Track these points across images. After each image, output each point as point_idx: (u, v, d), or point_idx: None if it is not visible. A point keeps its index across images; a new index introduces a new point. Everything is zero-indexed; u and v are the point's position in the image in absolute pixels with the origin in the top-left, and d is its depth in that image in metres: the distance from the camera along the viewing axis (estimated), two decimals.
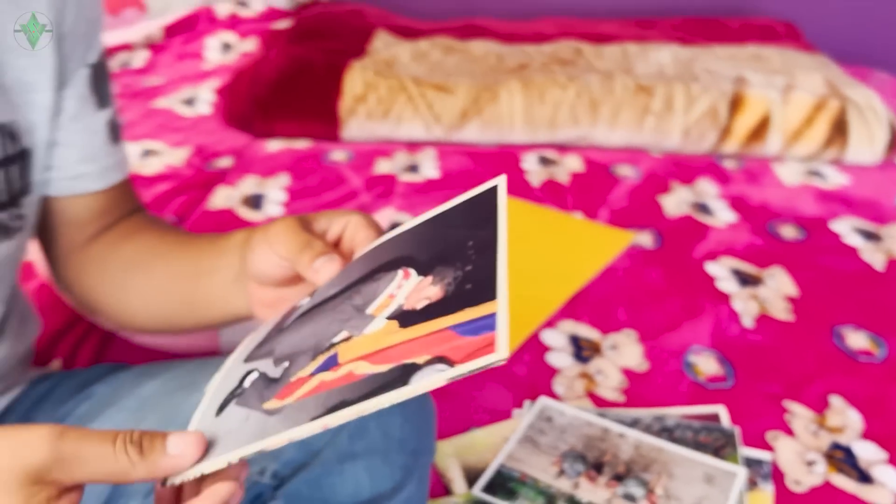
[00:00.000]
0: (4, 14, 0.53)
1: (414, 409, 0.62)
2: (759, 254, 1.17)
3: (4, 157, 0.52)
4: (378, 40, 1.79)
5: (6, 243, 0.55)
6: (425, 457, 0.63)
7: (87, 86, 0.60)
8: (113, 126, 0.63)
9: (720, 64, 1.71)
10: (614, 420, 0.84)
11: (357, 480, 0.59)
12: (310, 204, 1.28)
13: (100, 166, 0.61)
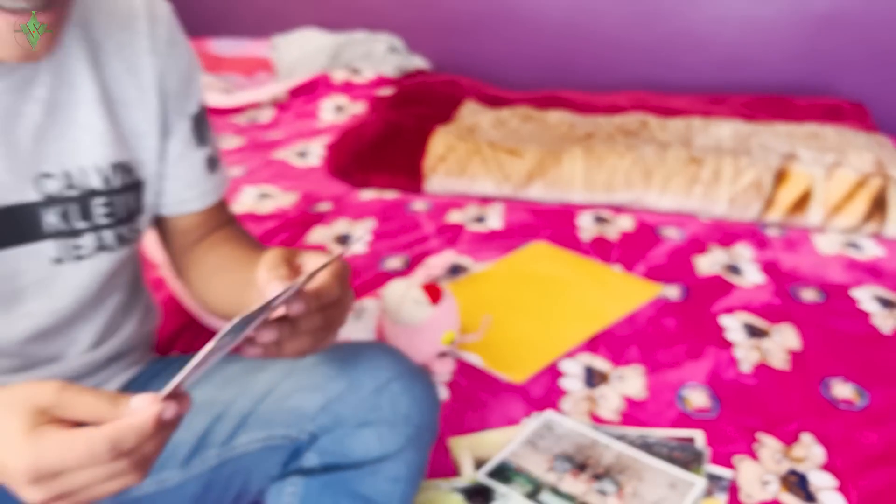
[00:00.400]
0: (123, 79, 0.75)
1: (419, 394, 0.81)
2: (774, 311, 1.31)
3: (123, 186, 0.76)
4: (465, 108, 2.04)
5: (124, 249, 0.79)
6: (427, 432, 0.81)
7: (188, 131, 0.82)
8: (210, 160, 0.85)
9: (776, 140, 1.85)
10: (604, 434, 1.01)
11: (369, 442, 0.78)
12: (387, 244, 1.52)
13: (199, 191, 0.84)
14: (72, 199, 0.72)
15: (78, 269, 0.74)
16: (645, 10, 2.35)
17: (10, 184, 0.67)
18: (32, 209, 0.70)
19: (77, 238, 0.73)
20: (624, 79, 2.38)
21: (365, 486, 0.78)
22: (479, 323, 1.24)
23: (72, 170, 0.71)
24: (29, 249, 0.70)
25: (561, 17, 2.41)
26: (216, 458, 0.82)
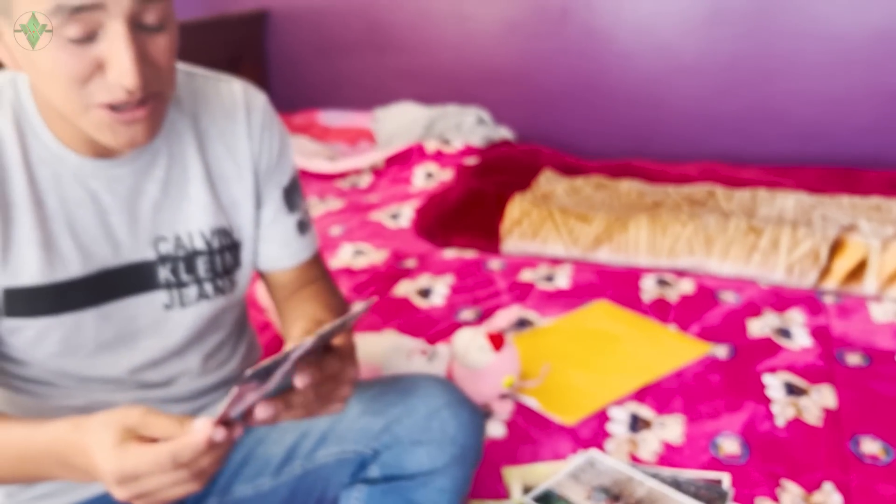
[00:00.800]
0: (224, 159, 0.94)
1: (465, 420, 0.96)
2: (816, 372, 1.41)
3: (221, 247, 0.95)
4: (543, 176, 2.23)
5: (222, 298, 0.97)
6: (471, 452, 0.96)
7: (279, 200, 0.98)
8: (300, 223, 1.02)
9: (839, 212, 1.95)
10: (640, 471, 1.14)
11: (421, 458, 0.94)
12: (463, 298, 1.71)
13: (290, 251, 1.02)
14: (180, 257, 0.91)
15: (184, 314, 0.93)
16: (720, 84, 2.49)
17: (132, 246, 0.88)
18: (150, 266, 0.90)
19: (183, 289, 0.92)
20: (697, 149, 2.51)
21: (417, 495, 0.94)
22: (539, 371, 1.40)
23: (181, 234, 0.91)
24: (146, 298, 0.90)
25: (639, 91, 2.58)
26: (301, 469, 1.01)
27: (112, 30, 0.69)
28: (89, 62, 0.70)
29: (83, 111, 0.73)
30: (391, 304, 1.69)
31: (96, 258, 0.86)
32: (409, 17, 2.79)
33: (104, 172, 0.83)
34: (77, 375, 0.90)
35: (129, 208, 0.87)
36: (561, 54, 2.64)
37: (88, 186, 0.83)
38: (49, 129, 0.80)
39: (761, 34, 2.42)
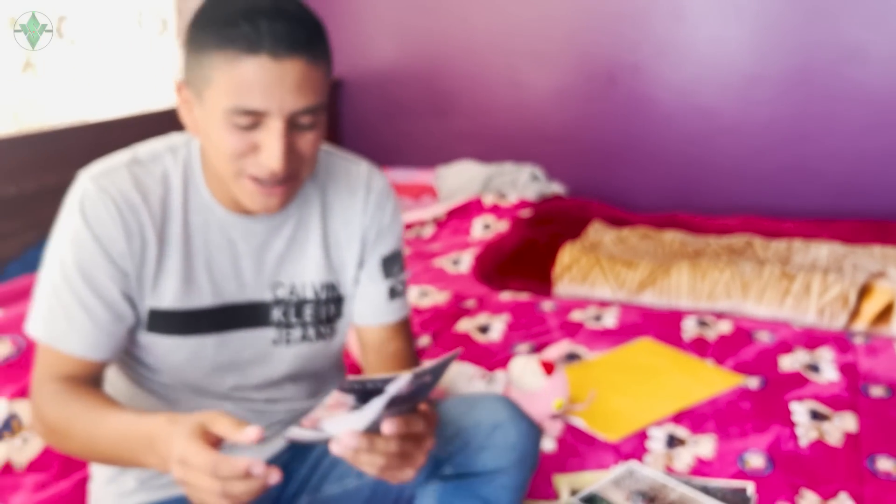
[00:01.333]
0: (339, 228, 1.15)
1: (524, 431, 1.12)
2: (840, 401, 1.55)
3: (327, 299, 1.14)
4: (592, 227, 2.43)
5: (321, 342, 1.16)
6: (528, 458, 1.13)
7: (377, 266, 1.12)
8: (392, 290, 1.13)
9: (870, 260, 2.09)
10: (673, 479, 1.31)
11: (486, 461, 1.11)
12: (518, 335, 1.90)
13: (378, 311, 1.13)
14: (292, 302, 1.11)
15: (287, 350, 1.12)
16: (758, 144, 2.67)
17: (255, 287, 1.08)
18: (266, 305, 1.09)
19: (290, 329, 1.12)
20: (737, 204, 2.68)
21: (483, 490, 1.10)
22: (586, 396, 1.57)
23: (296, 284, 1.10)
24: (258, 332, 1.10)
25: (682, 150, 2.77)
26: None
27: (272, 124, 0.89)
28: (248, 144, 0.91)
29: (235, 177, 0.94)
30: (454, 338, 1.90)
31: (224, 293, 1.06)
32: (468, 83, 3.05)
33: (243, 225, 1.04)
34: (194, 386, 1.10)
35: (258, 256, 1.07)
36: (609, 116, 2.86)
37: (228, 235, 1.04)
38: (207, 185, 1.02)
39: (797, 97, 2.60)
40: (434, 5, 2.99)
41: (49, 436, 0.98)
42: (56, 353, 0.97)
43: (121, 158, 1.00)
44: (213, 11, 0.88)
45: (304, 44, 0.88)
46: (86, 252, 0.95)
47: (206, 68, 0.88)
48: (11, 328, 1.49)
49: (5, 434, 1.34)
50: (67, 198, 0.98)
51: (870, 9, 2.46)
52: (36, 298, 0.99)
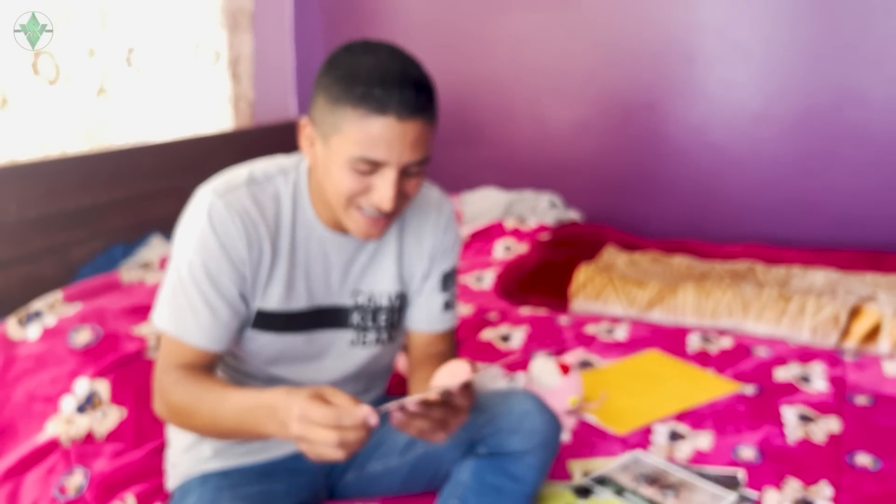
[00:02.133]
0: (412, 245, 1.31)
1: (547, 419, 1.27)
2: (827, 407, 1.71)
3: (399, 307, 1.31)
4: (606, 251, 2.61)
5: (389, 344, 1.33)
6: (551, 442, 1.28)
7: (437, 280, 1.28)
8: (447, 303, 1.29)
9: (861, 286, 2.25)
10: (674, 466, 1.47)
11: (515, 443, 1.27)
12: (536, 344, 2.07)
13: (432, 320, 1.29)
14: (368, 308, 1.28)
15: (362, 350, 1.30)
16: (765, 177, 2.84)
17: (339, 294, 1.25)
18: (347, 310, 1.27)
19: (366, 332, 1.29)
20: (743, 233, 2.85)
21: (512, 468, 1.27)
22: (598, 396, 1.74)
23: (373, 292, 1.28)
24: (340, 333, 1.27)
25: (692, 182, 2.96)
26: (422, 449, 1.36)
27: (387, 172, 1.05)
28: (364, 185, 1.08)
29: (345, 208, 1.11)
30: (479, 344, 2.08)
31: (316, 298, 1.23)
32: (494, 116, 3.26)
33: (337, 241, 1.22)
34: (272, 377, 1.26)
35: (345, 268, 1.24)
36: (624, 149, 3.05)
37: (324, 248, 1.21)
38: (311, 204, 1.19)
39: (800, 135, 2.78)
40: (465, 46, 3.21)
41: (173, 415, 1.13)
42: (181, 345, 1.13)
43: (239, 176, 1.17)
44: (350, 71, 1.03)
45: (423, 108, 1.05)
46: (213, 257, 1.11)
47: (339, 119, 1.04)
48: (91, 318, 1.69)
49: (87, 408, 1.53)
50: (190, 208, 1.15)
51: (869, 55, 2.65)
52: (163, 296, 1.15)
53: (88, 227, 2.10)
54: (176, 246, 1.16)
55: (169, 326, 1.14)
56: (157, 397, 1.16)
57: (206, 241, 1.12)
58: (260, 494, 1.24)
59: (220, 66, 2.86)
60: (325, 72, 1.08)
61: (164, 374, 1.14)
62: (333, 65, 1.07)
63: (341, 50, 1.09)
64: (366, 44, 1.09)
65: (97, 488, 1.42)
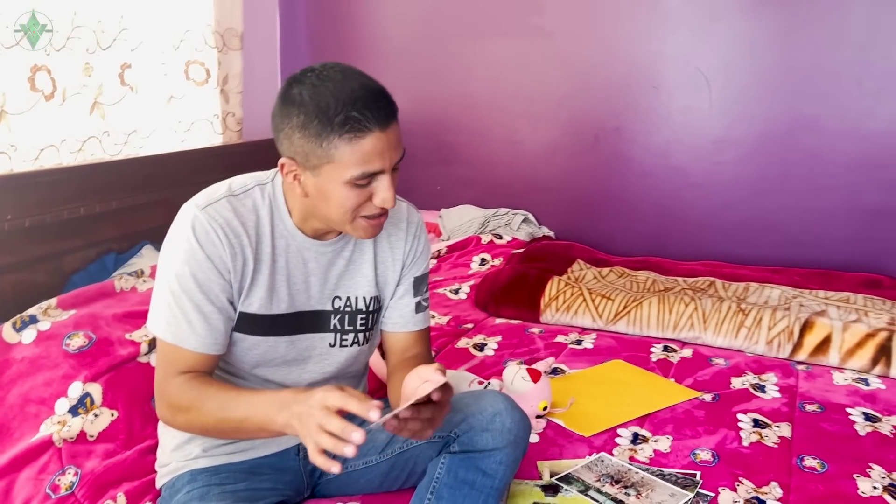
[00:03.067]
0: (386, 253, 1.36)
1: (517, 419, 1.30)
2: (779, 414, 1.77)
3: (373, 310, 1.35)
4: (575, 265, 2.67)
5: (365, 346, 1.36)
6: (521, 441, 1.31)
7: (409, 284, 1.35)
8: (419, 304, 1.37)
9: (814, 301, 2.33)
10: (635, 466, 1.52)
11: (487, 441, 1.30)
12: (509, 352, 2.11)
13: (405, 321, 1.36)
14: (346, 312, 1.33)
15: (341, 352, 1.34)
16: (724, 198, 2.92)
17: (319, 299, 1.29)
18: (327, 314, 1.31)
19: (344, 334, 1.33)
20: (703, 250, 2.92)
21: (483, 464, 1.30)
22: (566, 402, 1.79)
23: (351, 297, 1.32)
24: (320, 336, 1.31)
25: (656, 203, 3.03)
26: (399, 449, 1.40)
27: (382, 177, 1.13)
28: (365, 195, 1.14)
29: (350, 221, 1.16)
30: (455, 352, 2.11)
31: (297, 303, 1.27)
32: (470, 138, 3.31)
33: (315, 248, 1.26)
34: (263, 378, 1.30)
35: (324, 273, 1.29)
36: (593, 171, 3.12)
37: (303, 255, 1.26)
38: (290, 217, 1.23)
39: (757, 160, 2.86)
40: (443, 71, 3.26)
41: (179, 415, 1.16)
42: (180, 351, 1.16)
43: (219, 190, 1.21)
44: (318, 104, 1.07)
45: (394, 111, 1.12)
46: (200, 268, 1.15)
47: (327, 151, 1.09)
48: (85, 324, 1.70)
49: (80, 410, 1.54)
50: (176, 222, 1.18)
51: (820, 87, 2.74)
52: (156, 305, 1.18)
53: (81, 236, 2.11)
54: (163, 257, 1.19)
55: (166, 335, 1.17)
56: (160, 401, 1.19)
57: (192, 253, 1.15)
58: (246, 491, 1.26)
59: (211, 84, 2.88)
60: (289, 113, 1.11)
61: (166, 380, 1.18)
62: (294, 103, 1.10)
63: (291, 89, 1.11)
64: (307, 74, 1.12)
65: (88, 487, 1.43)
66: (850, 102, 2.69)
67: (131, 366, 1.66)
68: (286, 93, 1.13)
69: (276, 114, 1.15)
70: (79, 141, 2.25)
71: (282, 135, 1.14)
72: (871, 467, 1.54)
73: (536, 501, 1.41)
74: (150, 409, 1.62)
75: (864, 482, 1.48)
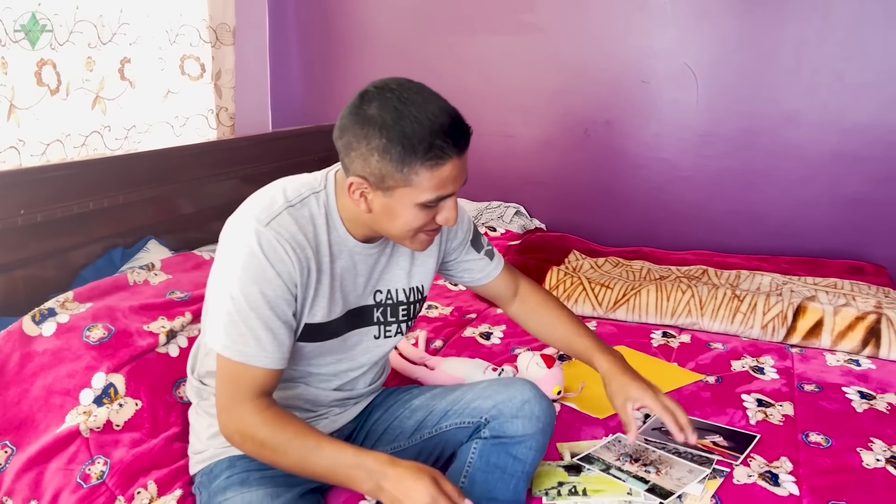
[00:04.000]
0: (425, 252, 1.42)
1: (545, 406, 1.35)
2: (780, 394, 1.84)
3: (414, 300, 1.40)
4: (572, 256, 2.72)
5: (399, 336, 1.44)
6: (548, 427, 1.36)
7: (469, 246, 1.45)
8: (488, 252, 1.49)
9: (804, 287, 2.41)
10: (651, 446, 1.57)
11: (517, 427, 1.34)
12: (515, 340, 2.16)
13: (488, 271, 1.50)
14: (388, 305, 1.37)
15: (384, 343, 1.39)
16: (712, 190, 3.00)
17: (363, 295, 1.33)
18: (371, 308, 1.35)
19: (388, 326, 1.38)
20: (694, 241, 3.00)
21: (514, 450, 1.35)
22: (577, 386, 1.83)
23: (392, 290, 1.36)
24: (366, 330, 1.35)
25: (646, 195, 3.10)
26: (428, 434, 1.43)
27: (450, 199, 1.16)
28: (432, 215, 1.17)
29: (412, 238, 1.20)
30: (463, 341, 2.15)
31: (348, 303, 1.30)
32: None
33: (363, 251, 1.29)
34: (308, 372, 1.33)
35: (369, 272, 1.32)
36: (584, 165, 3.18)
37: (353, 259, 1.28)
38: (343, 224, 1.24)
39: (743, 153, 2.95)
40: (435, 66, 3.29)
41: (250, 445, 1.17)
42: (248, 368, 1.15)
43: (277, 201, 1.19)
44: (402, 131, 1.08)
45: (469, 136, 1.14)
46: (270, 285, 1.14)
47: (406, 176, 1.10)
48: (103, 316, 1.70)
49: (105, 400, 1.55)
50: (234, 237, 1.17)
51: (803, 84, 2.83)
52: (217, 323, 1.17)
53: (88, 231, 2.10)
54: (223, 274, 1.17)
55: (232, 354, 1.16)
56: (229, 423, 1.18)
57: (262, 271, 1.14)
58: (286, 476, 1.29)
59: (205, 79, 2.88)
60: (369, 135, 1.10)
61: (239, 404, 1.16)
62: (374, 125, 1.10)
63: (368, 108, 1.11)
64: (385, 94, 1.11)
65: (119, 475, 1.44)
66: (831, 97, 2.79)
67: (151, 356, 1.66)
68: (363, 111, 1.12)
69: (348, 130, 1.13)
70: (82, 136, 2.24)
71: (355, 153, 1.13)
72: (873, 441, 1.61)
73: (561, 481, 1.45)
74: (172, 398, 1.63)
75: (867, 455, 1.56)
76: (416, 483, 1.06)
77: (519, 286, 1.56)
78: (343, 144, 1.15)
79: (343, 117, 1.15)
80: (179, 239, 2.37)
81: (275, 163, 2.88)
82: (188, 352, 1.72)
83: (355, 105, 1.13)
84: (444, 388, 1.50)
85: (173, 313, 1.78)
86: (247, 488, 1.27)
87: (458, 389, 1.46)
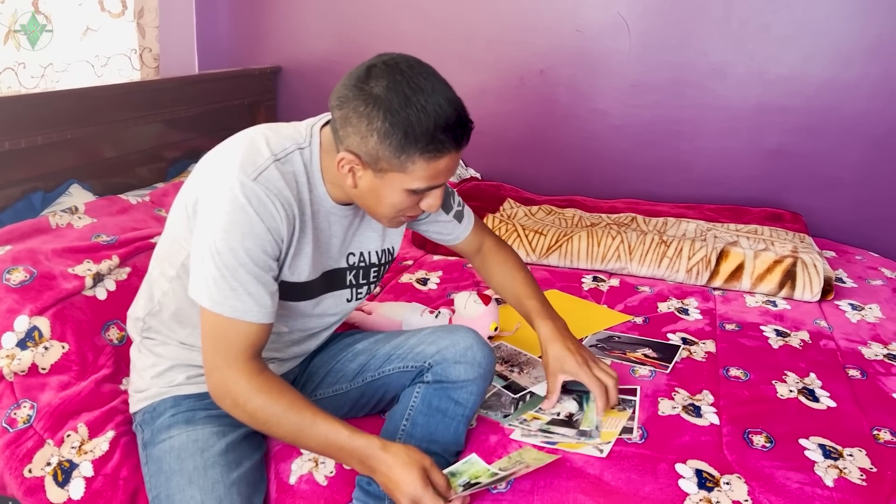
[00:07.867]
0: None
1: (487, 352, 1.37)
2: (704, 333, 1.92)
3: (384, 262, 1.41)
4: (506, 204, 2.74)
5: (363, 297, 1.43)
6: (488, 372, 1.38)
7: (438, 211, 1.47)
8: (456, 214, 1.50)
9: (726, 233, 2.50)
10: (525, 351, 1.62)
11: (459, 372, 1.36)
12: (451, 285, 2.18)
13: (457, 233, 1.52)
14: (360, 267, 1.36)
15: (353, 303, 1.39)
16: (642, 140, 3.06)
17: (336, 258, 1.32)
18: (343, 272, 1.34)
19: (359, 288, 1.38)
20: (623, 190, 3.07)
21: (456, 394, 1.37)
22: (512, 326, 1.87)
23: (364, 252, 1.36)
24: (339, 293, 1.35)
25: (578, 144, 3.13)
26: (371, 377, 1.44)
27: (438, 188, 1.16)
28: (416, 201, 1.17)
29: (393, 217, 1.19)
30: (400, 286, 2.16)
31: (325, 265, 1.30)
32: None
33: (339, 213, 1.27)
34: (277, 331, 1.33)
35: (343, 235, 1.31)
36: (519, 114, 3.18)
37: (330, 220, 1.27)
38: (324, 185, 1.22)
39: (672, 104, 3.00)
40: (370, 15, 3.22)
41: (240, 411, 1.14)
42: (240, 325, 1.12)
43: (262, 154, 1.15)
44: (406, 121, 1.06)
45: (470, 132, 1.14)
46: (260, 241, 1.11)
47: (404, 162, 1.08)
48: (24, 259, 1.63)
49: (29, 343, 1.50)
50: (219, 191, 1.12)
51: (730, 36, 2.89)
52: (210, 284, 1.12)
53: (5, 174, 2.00)
54: (209, 229, 1.12)
55: (223, 310, 1.12)
56: (220, 385, 1.15)
57: (252, 226, 1.11)
58: (230, 416, 1.28)
59: (127, 16, 2.74)
60: (372, 115, 1.07)
61: (231, 364, 1.13)
62: (379, 107, 1.07)
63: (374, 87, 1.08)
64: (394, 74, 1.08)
65: (47, 419, 1.41)
66: (757, 48, 2.86)
67: (78, 299, 1.61)
68: (368, 87, 1.08)
69: (349, 103, 1.10)
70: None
71: (352, 129, 1.10)
72: (787, 374, 1.71)
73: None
74: (101, 341, 1.59)
75: (781, 387, 1.65)
76: (405, 475, 1.08)
77: (483, 243, 1.59)
78: (341, 115, 1.12)
79: (345, 87, 1.12)
80: (104, 183, 2.28)
81: (202, 106, 2.78)
82: (117, 295, 1.67)
83: (360, 78, 1.10)
84: (386, 334, 1.52)
85: (100, 256, 1.72)
86: (192, 426, 1.26)
87: (401, 335, 1.48)
